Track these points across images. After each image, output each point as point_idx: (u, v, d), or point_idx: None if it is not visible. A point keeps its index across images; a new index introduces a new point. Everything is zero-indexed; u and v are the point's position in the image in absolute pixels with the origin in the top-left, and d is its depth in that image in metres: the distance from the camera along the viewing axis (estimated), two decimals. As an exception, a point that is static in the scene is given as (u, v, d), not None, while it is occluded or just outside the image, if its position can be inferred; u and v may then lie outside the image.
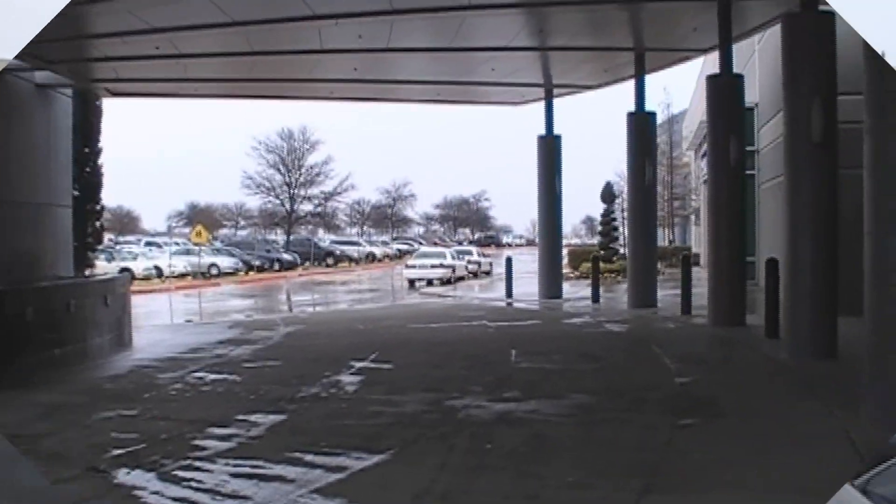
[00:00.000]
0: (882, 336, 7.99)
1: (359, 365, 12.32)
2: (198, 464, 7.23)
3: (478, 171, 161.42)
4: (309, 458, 7.30)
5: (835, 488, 6.11)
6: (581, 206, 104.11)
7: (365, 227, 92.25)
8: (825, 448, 7.29)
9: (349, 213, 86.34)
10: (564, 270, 29.44)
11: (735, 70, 17.49)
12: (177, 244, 52.94)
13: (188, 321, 22.24)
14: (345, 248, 64.75)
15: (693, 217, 50.59)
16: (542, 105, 26.04)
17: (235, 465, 7.16)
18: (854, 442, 7.39)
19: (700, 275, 23.13)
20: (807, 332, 12.07)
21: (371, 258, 64.60)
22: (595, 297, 23.68)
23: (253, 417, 9.00)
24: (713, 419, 8.53)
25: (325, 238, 70.65)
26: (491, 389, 10.26)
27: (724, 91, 16.97)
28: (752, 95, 20.75)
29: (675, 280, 21.92)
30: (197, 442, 8.02)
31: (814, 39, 12.36)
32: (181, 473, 6.95)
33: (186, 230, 61.65)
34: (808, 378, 10.56)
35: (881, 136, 8.03)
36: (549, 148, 25.69)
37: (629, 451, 7.42)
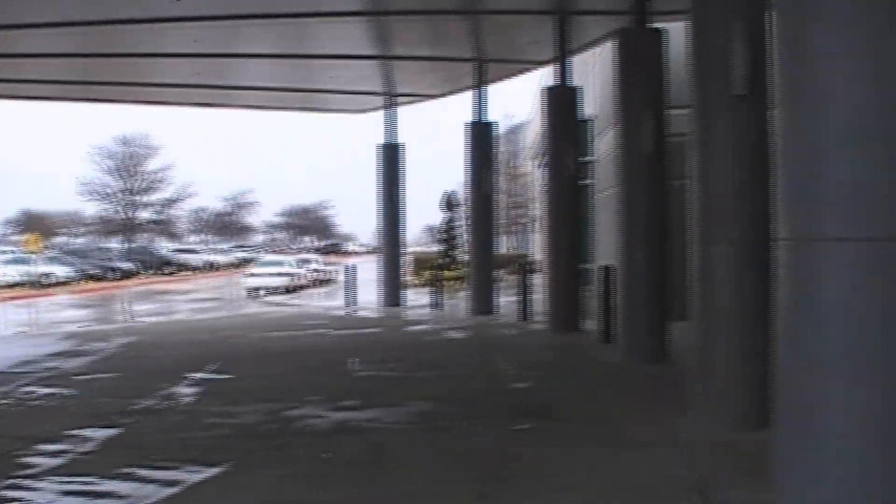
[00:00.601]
0: (707, 340, 8.32)
1: (197, 376, 12.05)
2: (25, 482, 6.91)
3: (322, 179, 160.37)
4: (143, 472, 7.07)
5: (663, 487, 6.37)
6: (425, 214, 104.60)
7: (206, 236, 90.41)
8: (655, 449, 7.53)
9: (190, 220, 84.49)
10: (407, 278, 29.57)
11: (577, 82, 17.93)
12: (12, 252, 50.51)
13: (20, 332, 21.34)
14: (185, 256, 63.31)
15: (533, 225, 51.52)
16: (387, 113, 26.09)
17: (65, 483, 6.87)
18: (682, 442, 7.67)
19: (540, 281, 23.58)
20: (640, 337, 12.47)
21: (212, 267, 63.38)
22: (437, 305, 23.87)
23: (85, 432, 8.66)
24: (548, 424, 8.68)
25: (165, 246, 68.87)
26: (331, 398, 10.18)
27: (561, 103, 17.37)
28: (591, 107, 21.27)
29: (516, 287, 22.27)
30: (25, 459, 7.66)
31: (645, 54, 12.79)
32: (7, 493, 6.62)
33: (19, 238, 59.07)
34: (640, 381, 10.91)
35: (707, 149, 8.36)
36: (391, 156, 25.76)
37: (467, 457, 7.48)
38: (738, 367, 7.99)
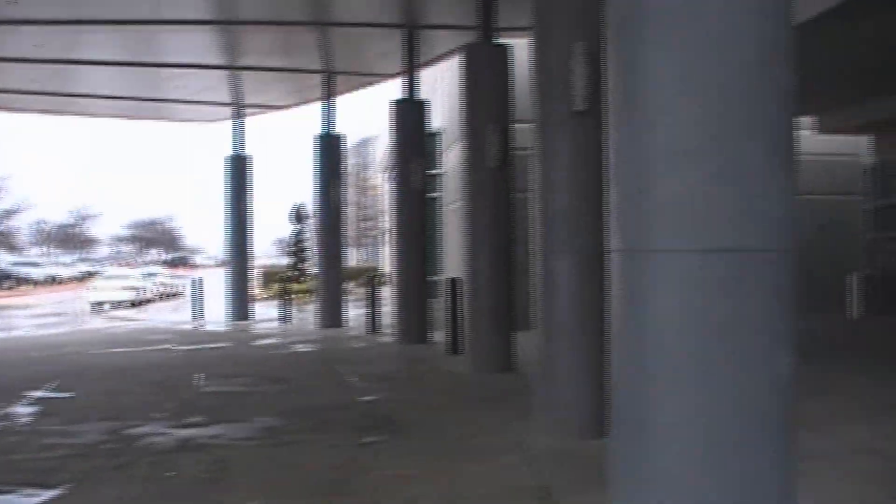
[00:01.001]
0: (551, 349, 8.51)
1: (35, 395, 11.59)
2: None
3: (170, 191, 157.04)
4: (-28, 497, 6.78)
5: (506, 495, 6.46)
6: (275, 226, 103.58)
7: (48, 248, 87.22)
8: (500, 457, 7.63)
9: (31, 232, 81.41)
10: (256, 291, 29.21)
11: (426, 95, 18.08)
12: None
13: None
14: (26, 269, 60.93)
15: (383, 237, 51.65)
16: (236, 123, 25.75)
17: None
18: (526, 451, 7.80)
19: (390, 294, 23.63)
20: (486, 347, 12.64)
21: (55, 280, 61.17)
22: (285, 318, 23.64)
23: None
24: (395, 436, 8.70)
25: (3, 259, 66.11)
26: (174, 416, 9.96)
27: (408, 116, 17.49)
28: (440, 120, 21.49)
29: (365, 299, 22.26)
30: None
31: (490, 69, 13.00)
32: None
33: None
34: (487, 391, 11.04)
35: (548, 162, 8.55)
36: (239, 168, 25.45)
37: (313, 472, 7.44)
38: (581, 376, 8.20)
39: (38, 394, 11.70)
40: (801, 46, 13.23)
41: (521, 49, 12.70)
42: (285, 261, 39.56)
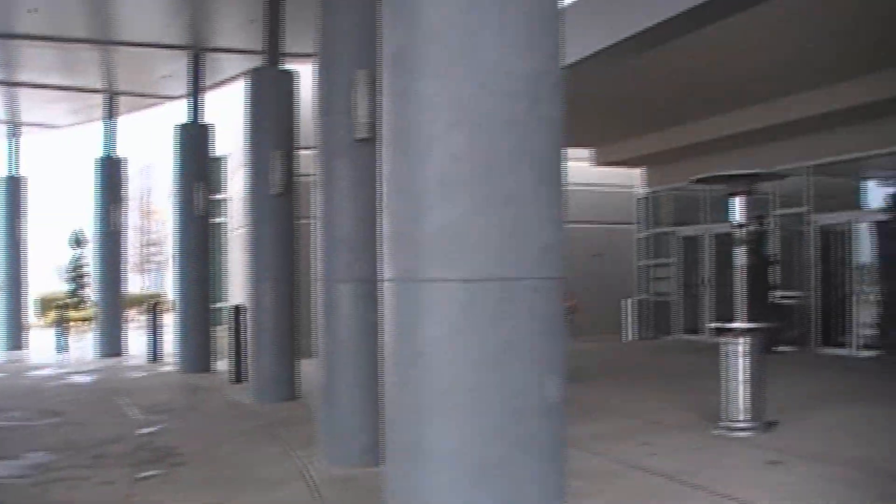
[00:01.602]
0: (333, 377, 8.46)
1: None
2: None
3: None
4: None
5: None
6: (53, 251, 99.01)
7: None
8: (283, 487, 7.51)
9: None
10: (32, 319, 27.84)
11: (214, 119, 17.77)
12: None
13: None
14: None
15: (167, 263, 50.35)
16: (11, 142, 24.56)
17: None
18: (309, 479, 7.72)
19: (173, 321, 22.99)
20: (269, 376, 12.47)
21: None
22: (62, 347, 22.62)
23: None
24: (175, 468, 8.43)
25: None
26: (-68, 454, 9.33)
27: (192, 139, 17.15)
28: (227, 145, 21.19)
29: (147, 326, 21.56)
30: None
31: (275, 94, 12.90)
32: None
33: None
34: (270, 420, 10.87)
35: (330, 189, 8.54)
36: (13, 189, 24.27)
37: (84, 509, 7.13)
38: (362, 404, 8.18)
39: None
40: (576, 83, 13.85)
41: (307, 75, 12.69)
42: (64, 287, 37.88)
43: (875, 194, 18.07)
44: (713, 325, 11.23)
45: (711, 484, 7.19)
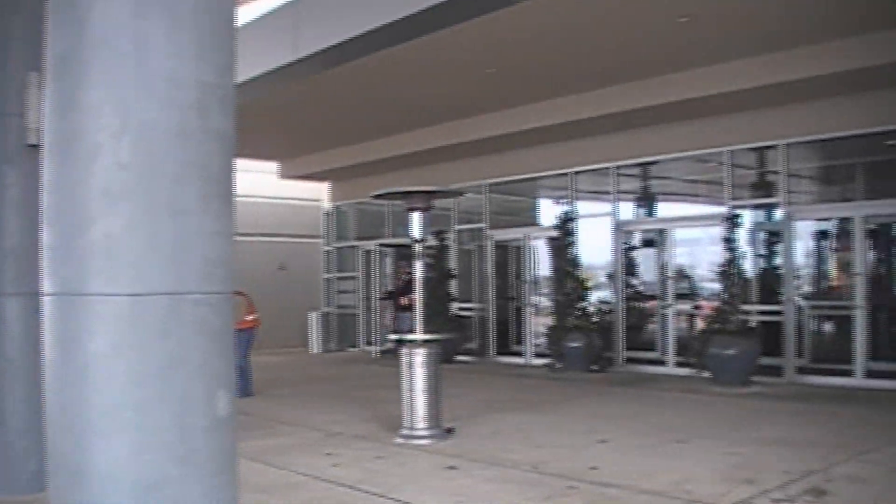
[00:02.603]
0: (2, 398, 7.94)
1: None
2: None
3: None
4: None
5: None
6: None
7: None
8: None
9: None
10: None
11: None
12: None
13: None
14: None
15: None
16: None
17: None
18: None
19: None
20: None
21: None
22: None
23: None
24: None
25: None
26: None
27: None
28: None
29: None
30: None
31: None
32: None
33: None
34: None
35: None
36: None
37: None
38: (32, 426, 7.72)
39: None
40: (260, 97, 13.79)
41: None
42: None
43: (547, 212, 19.26)
44: (393, 336, 11.55)
45: (393, 491, 7.39)
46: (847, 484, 7.45)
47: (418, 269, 10.37)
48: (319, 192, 24.33)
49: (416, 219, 10.14)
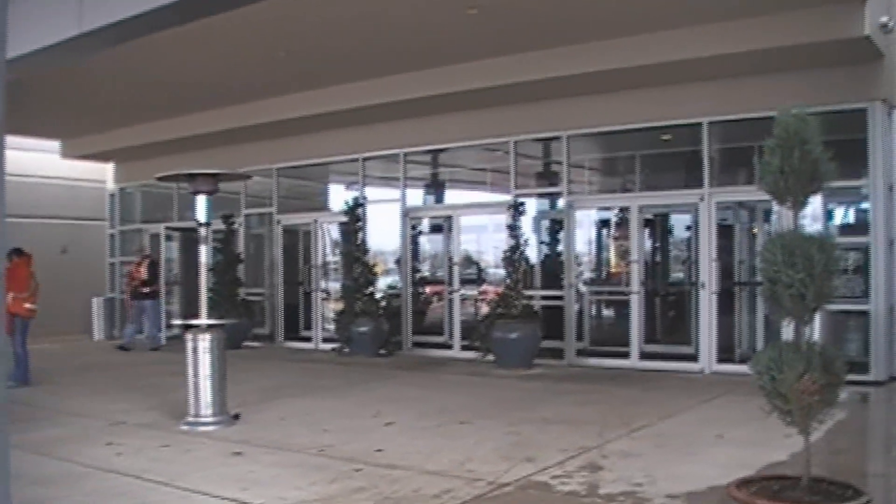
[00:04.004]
0: None
1: None
2: None
3: None
4: None
5: None
6: None
7: None
8: None
9: None
10: None
11: None
12: None
13: None
14: None
15: None
16: None
17: None
18: None
19: None
20: None
21: None
22: None
23: None
24: None
25: None
26: None
27: None
28: None
29: None
30: None
31: None
32: None
33: None
34: None
35: None
36: None
37: None
38: None
39: None
40: (39, 73, 13.12)
41: None
42: None
43: (337, 197, 19.30)
44: (179, 322, 11.33)
45: (178, 479, 7.29)
46: (620, 458, 7.89)
47: (203, 253, 10.21)
48: (104, 174, 23.48)
49: (201, 202, 9.98)
